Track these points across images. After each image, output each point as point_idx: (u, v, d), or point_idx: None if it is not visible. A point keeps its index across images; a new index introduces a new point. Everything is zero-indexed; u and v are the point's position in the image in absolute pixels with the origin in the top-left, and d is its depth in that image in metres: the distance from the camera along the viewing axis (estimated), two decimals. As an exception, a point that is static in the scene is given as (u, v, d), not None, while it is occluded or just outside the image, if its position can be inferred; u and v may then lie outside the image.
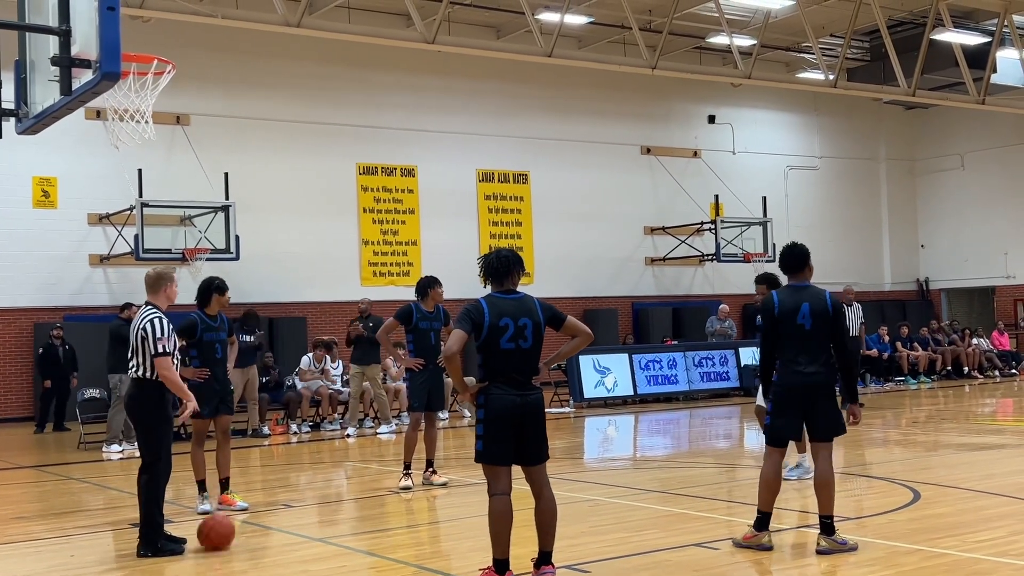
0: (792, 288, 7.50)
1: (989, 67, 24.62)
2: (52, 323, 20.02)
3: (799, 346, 7.31)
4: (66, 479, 12.83)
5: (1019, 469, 11.03)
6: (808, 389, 7.33)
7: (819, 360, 7.32)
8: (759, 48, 23.49)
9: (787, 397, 7.36)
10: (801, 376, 7.30)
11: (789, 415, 7.40)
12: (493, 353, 6.43)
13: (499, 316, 6.43)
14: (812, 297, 7.39)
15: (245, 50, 22.60)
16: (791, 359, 7.33)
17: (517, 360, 6.45)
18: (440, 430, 16.56)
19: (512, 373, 6.43)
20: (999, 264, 31.38)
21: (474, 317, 6.43)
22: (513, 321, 6.44)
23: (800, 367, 7.30)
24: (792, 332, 7.32)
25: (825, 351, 7.36)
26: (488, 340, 6.42)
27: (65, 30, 6.51)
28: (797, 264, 7.54)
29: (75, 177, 21.27)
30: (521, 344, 6.45)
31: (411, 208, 24.88)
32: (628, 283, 27.69)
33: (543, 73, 24.93)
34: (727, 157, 29.47)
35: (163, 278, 8.23)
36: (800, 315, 7.31)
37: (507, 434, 6.38)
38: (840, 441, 14.27)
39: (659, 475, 11.75)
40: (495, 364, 6.44)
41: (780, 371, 7.39)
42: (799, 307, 7.33)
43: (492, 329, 6.41)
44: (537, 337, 6.51)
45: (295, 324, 22.87)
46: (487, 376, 6.46)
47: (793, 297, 7.41)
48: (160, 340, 7.88)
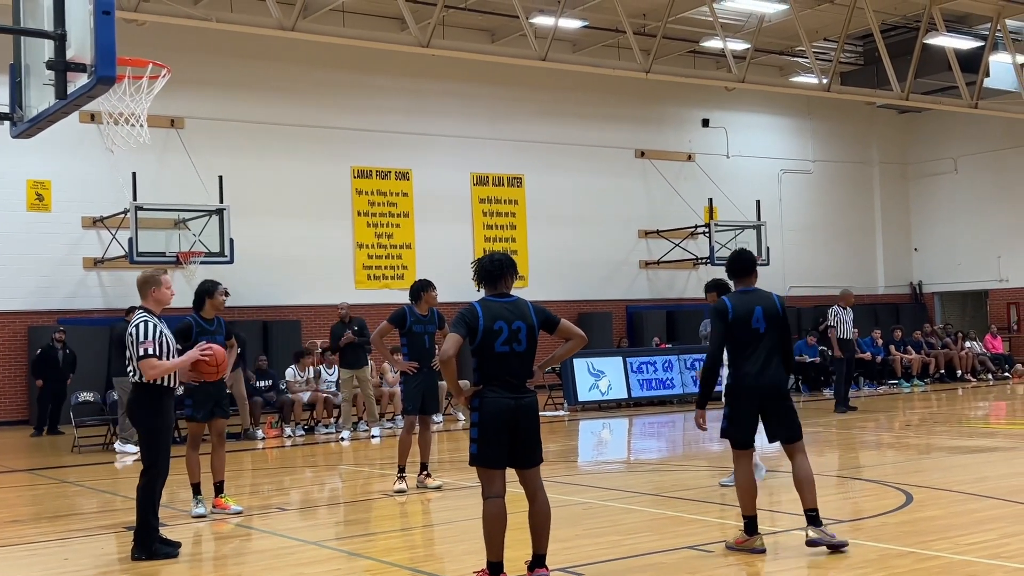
0: (742, 292, 7.59)
1: (982, 71, 24.70)
2: (47, 326, 20.05)
3: (752, 349, 7.41)
4: (60, 482, 12.82)
5: (1011, 472, 11.07)
6: (763, 392, 7.43)
7: (773, 363, 7.44)
8: (753, 52, 23.55)
9: (744, 400, 7.45)
10: (756, 379, 7.40)
11: (748, 417, 7.48)
12: (488, 356, 6.46)
13: (493, 319, 6.46)
14: (763, 300, 7.52)
15: (239, 53, 22.62)
16: (745, 363, 7.42)
17: (512, 363, 6.47)
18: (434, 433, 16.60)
19: (506, 376, 6.46)
20: (992, 268, 31.47)
21: (469, 321, 6.46)
22: (507, 324, 6.47)
23: (755, 370, 7.40)
24: (746, 336, 7.41)
25: (777, 354, 7.48)
26: (483, 343, 6.45)
27: (60, 34, 6.50)
28: (744, 269, 7.66)
29: (69, 180, 21.27)
30: (515, 347, 6.48)
31: (405, 211, 24.90)
32: (622, 286, 27.74)
33: (537, 77, 24.97)
34: (721, 161, 29.53)
35: (149, 282, 8.20)
36: (754, 319, 7.42)
37: (501, 437, 6.41)
38: (834, 444, 14.39)
39: (653, 478, 11.78)
40: (490, 367, 6.47)
41: (734, 375, 7.48)
42: (752, 311, 7.44)
43: (487, 332, 6.43)
44: (531, 340, 6.54)
45: (289, 327, 22.87)
46: (482, 379, 6.49)
47: (745, 301, 7.50)
48: (142, 343, 7.86)
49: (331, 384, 18.14)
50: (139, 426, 8.20)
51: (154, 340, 7.91)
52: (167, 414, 8.08)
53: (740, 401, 7.48)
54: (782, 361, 7.51)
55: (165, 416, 8.05)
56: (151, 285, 8.17)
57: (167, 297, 8.25)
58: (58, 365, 18.59)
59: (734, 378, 7.48)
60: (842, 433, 15.55)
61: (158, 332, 7.96)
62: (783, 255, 29.51)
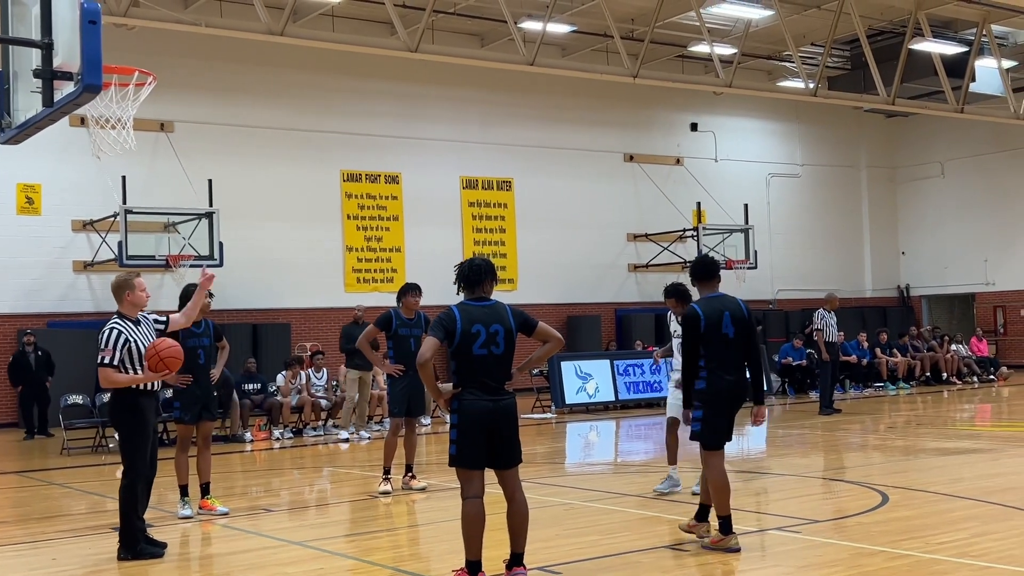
0: (710, 299, 7.79)
1: (968, 76, 24.89)
2: (36, 329, 20.11)
3: (724, 354, 7.63)
4: (49, 484, 12.92)
5: (987, 473, 11.22)
6: (734, 394, 7.67)
7: (740, 367, 7.71)
8: (740, 57, 23.72)
9: (719, 402, 7.63)
10: (728, 382, 7.62)
11: (723, 418, 7.68)
12: (466, 359, 6.59)
13: (471, 323, 6.58)
14: (731, 305, 7.73)
15: (229, 58, 22.72)
16: (717, 367, 7.61)
17: (489, 366, 6.60)
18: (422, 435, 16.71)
19: (484, 379, 6.58)
20: (979, 271, 31.67)
21: (446, 325, 6.59)
22: (485, 328, 6.59)
23: (726, 374, 7.62)
24: (717, 341, 7.62)
25: (743, 357, 7.72)
26: (460, 347, 6.57)
27: (47, 43, 6.61)
28: (709, 274, 7.88)
29: (59, 184, 21.35)
30: (493, 350, 6.61)
31: (395, 215, 25.02)
32: (611, 290, 27.88)
33: (526, 81, 25.11)
34: (709, 165, 29.70)
35: (122, 287, 8.23)
36: (724, 324, 7.63)
37: (480, 439, 6.54)
38: (818, 446, 14.54)
39: (637, 480, 11.89)
40: (468, 370, 6.60)
41: (708, 378, 7.64)
42: (722, 316, 7.64)
43: (464, 336, 6.56)
44: (509, 343, 6.67)
45: (279, 330, 22.97)
46: (460, 382, 6.62)
47: (714, 307, 7.69)
48: (103, 351, 7.94)
49: (320, 388, 18.26)
50: (118, 429, 8.31)
51: (116, 348, 7.92)
52: (145, 416, 8.10)
53: (717, 405, 7.64)
54: (748, 365, 7.75)
55: (143, 418, 8.09)
56: (125, 289, 8.22)
57: (142, 300, 8.26)
58: (31, 368, 18.67)
59: (707, 381, 7.63)
60: (826, 435, 15.71)
61: (122, 340, 7.97)
62: (771, 258, 29.68)
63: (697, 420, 7.70)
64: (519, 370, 6.94)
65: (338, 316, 23.96)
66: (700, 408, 7.68)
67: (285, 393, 17.78)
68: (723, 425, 7.69)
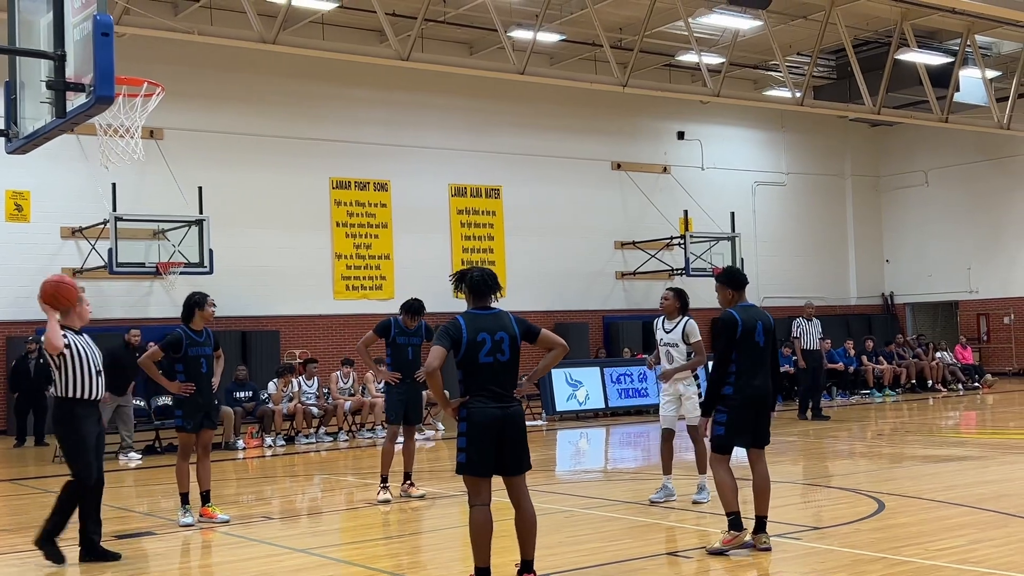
0: (745, 307, 8.02)
1: (952, 86, 25.12)
2: (25, 336, 20.04)
3: (754, 361, 7.86)
4: (44, 492, 12.89)
5: (980, 480, 11.35)
6: (762, 402, 7.90)
7: (767, 374, 7.95)
8: (727, 66, 23.85)
9: (746, 409, 7.82)
10: (755, 389, 7.83)
11: (746, 425, 7.85)
12: (472, 367, 6.67)
13: (477, 331, 6.67)
14: (762, 316, 8.00)
15: (219, 65, 22.74)
16: (747, 373, 7.81)
17: (496, 373, 6.68)
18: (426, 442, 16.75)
19: (492, 386, 6.67)
20: (962, 279, 31.92)
21: (452, 334, 6.68)
22: (490, 336, 6.68)
23: (755, 380, 7.84)
24: (750, 348, 7.84)
25: (769, 366, 7.98)
26: (467, 355, 6.66)
27: (60, 55, 6.68)
28: (743, 284, 8.15)
29: (48, 191, 21.31)
30: (499, 358, 6.69)
31: (384, 222, 25.06)
32: (599, 297, 27.98)
33: (515, 89, 25.19)
34: (696, 173, 29.86)
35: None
36: (757, 333, 7.89)
37: (489, 446, 6.61)
38: (808, 453, 14.67)
39: (631, 486, 11.99)
40: (475, 378, 6.68)
41: (737, 384, 7.82)
42: (756, 325, 7.89)
43: (470, 344, 6.65)
44: (514, 350, 6.76)
45: (269, 337, 22.97)
46: (468, 390, 6.70)
47: (751, 315, 7.93)
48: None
49: (311, 396, 18.28)
50: (61, 440, 8.47)
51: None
52: (86, 425, 8.21)
53: (743, 411, 7.80)
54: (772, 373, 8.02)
55: (84, 427, 8.20)
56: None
57: (87, 313, 8.59)
58: (30, 376, 18.64)
59: (735, 387, 7.78)
60: (816, 442, 15.84)
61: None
62: (757, 266, 29.83)
63: (720, 424, 7.83)
64: (528, 380, 7.03)
65: (327, 323, 24.01)
66: (725, 412, 7.82)
67: (277, 401, 17.80)
68: (746, 431, 7.85)
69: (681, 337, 10.10)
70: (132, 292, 22.06)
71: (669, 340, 10.12)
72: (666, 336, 10.17)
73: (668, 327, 10.18)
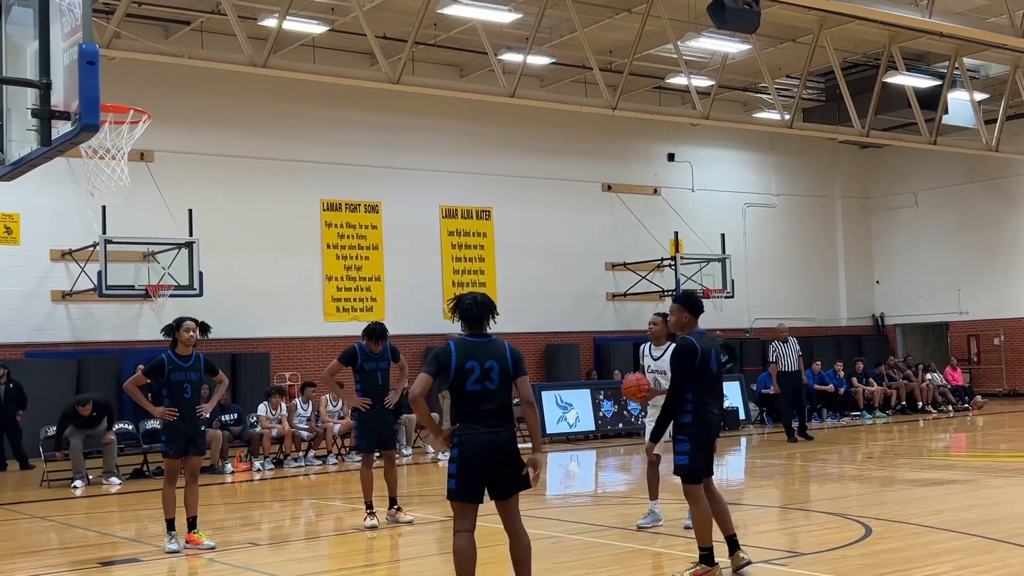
0: (700, 333, 8.03)
1: (940, 108, 25.25)
2: (13, 359, 20.00)
3: (710, 389, 7.89)
4: (31, 517, 12.84)
5: (968, 504, 11.35)
6: (717, 429, 7.96)
7: (722, 402, 8.06)
8: (717, 89, 23.94)
9: (707, 435, 7.84)
10: (713, 416, 7.87)
11: (709, 452, 7.89)
12: (461, 394, 6.69)
13: (466, 359, 6.67)
14: (714, 343, 8.04)
15: (209, 88, 22.75)
16: (705, 401, 7.83)
17: (484, 401, 6.68)
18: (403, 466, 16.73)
19: (480, 413, 6.66)
20: (952, 300, 31.99)
21: (441, 360, 6.69)
22: (479, 364, 6.68)
23: (713, 408, 7.88)
24: (706, 376, 7.86)
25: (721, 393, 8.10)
26: (455, 382, 6.67)
27: (46, 83, 6.68)
28: (702, 310, 8.18)
29: (38, 213, 21.28)
30: (487, 385, 6.69)
31: (374, 244, 25.06)
32: (589, 318, 27.99)
33: (506, 112, 25.26)
34: (686, 194, 29.93)
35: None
36: (711, 360, 7.91)
37: (478, 473, 6.61)
38: (795, 477, 14.65)
39: (620, 511, 11.96)
40: (463, 405, 6.69)
41: (695, 412, 7.81)
42: (711, 352, 7.91)
43: (458, 371, 6.65)
44: (504, 379, 6.74)
45: (258, 360, 22.90)
46: (458, 416, 6.71)
47: (705, 343, 7.95)
48: None
49: (304, 419, 18.22)
50: None
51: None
52: None
53: (705, 439, 7.78)
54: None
55: None
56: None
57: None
58: (0, 400, 18.53)
59: (698, 417, 7.76)
60: (804, 465, 15.83)
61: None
62: (747, 288, 29.88)
63: (684, 454, 7.79)
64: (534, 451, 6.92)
65: (317, 346, 23.96)
66: (687, 441, 7.78)
67: (265, 424, 17.75)
68: (708, 459, 7.86)
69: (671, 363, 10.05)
70: (121, 315, 22.01)
71: (658, 367, 10.04)
72: (654, 363, 10.11)
73: (656, 353, 10.12)
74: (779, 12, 21.34)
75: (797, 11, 21.62)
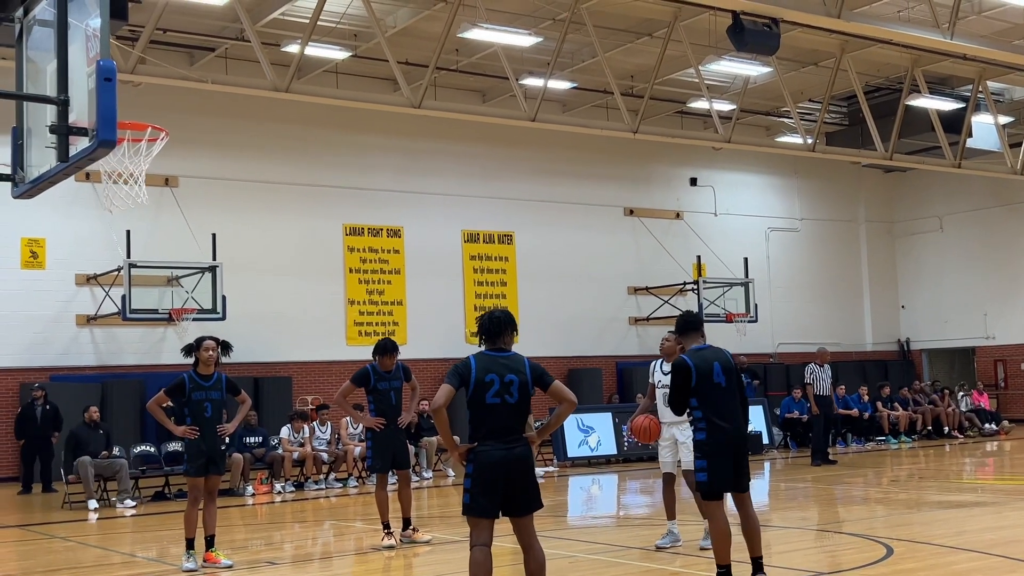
0: (696, 350, 7.96)
1: (964, 132, 25.16)
2: (39, 383, 20.12)
3: (718, 403, 7.78)
4: (50, 538, 12.90)
5: (991, 526, 11.22)
6: (735, 442, 7.79)
7: (737, 415, 7.85)
8: (739, 113, 23.98)
9: (721, 451, 7.74)
10: (726, 431, 7.75)
11: (726, 468, 7.76)
12: (480, 407, 6.72)
13: (485, 372, 6.72)
14: (720, 356, 7.93)
15: (234, 113, 22.95)
16: (714, 417, 7.75)
17: (503, 414, 6.71)
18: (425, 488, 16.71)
19: (498, 427, 6.68)
20: (979, 325, 31.74)
21: (462, 372, 6.76)
22: (499, 377, 6.71)
23: (724, 423, 7.75)
24: (709, 391, 7.77)
25: (739, 405, 7.88)
26: (475, 395, 6.72)
27: (63, 100, 6.76)
28: (695, 326, 8.16)
29: (64, 238, 21.47)
30: (507, 399, 6.72)
31: (397, 268, 25.13)
32: (612, 342, 27.93)
33: (527, 136, 25.35)
34: (709, 219, 29.89)
35: None
36: (715, 374, 7.80)
37: (494, 488, 6.62)
38: (818, 499, 14.53)
39: (640, 533, 11.88)
40: (482, 418, 6.72)
41: (708, 429, 7.76)
42: (711, 367, 7.81)
43: (478, 384, 6.70)
44: (523, 393, 6.77)
45: (281, 384, 22.97)
46: (475, 430, 6.73)
47: (703, 357, 7.86)
48: None
49: (323, 442, 18.26)
50: None
51: None
52: None
53: (720, 455, 7.71)
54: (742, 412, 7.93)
55: None
56: None
57: None
58: (36, 422, 18.68)
59: (710, 433, 7.71)
60: (828, 488, 15.69)
61: None
62: (771, 312, 29.76)
63: (702, 470, 7.76)
64: (539, 435, 7.01)
65: (339, 370, 23.96)
66: (703, 458, 7.75)
67: (287, 447, 17.78)
68: (726, 474, 7.75)
69: None
70: (145, 339, 22.15)
71: (668, 382, 10.02)
72: (664, 378, 10.12)
73: (667, 369, 10.14)
74: (800, 36, 21.37)
75: (818, 35, 21.66)
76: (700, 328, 8.15)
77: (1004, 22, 21.92)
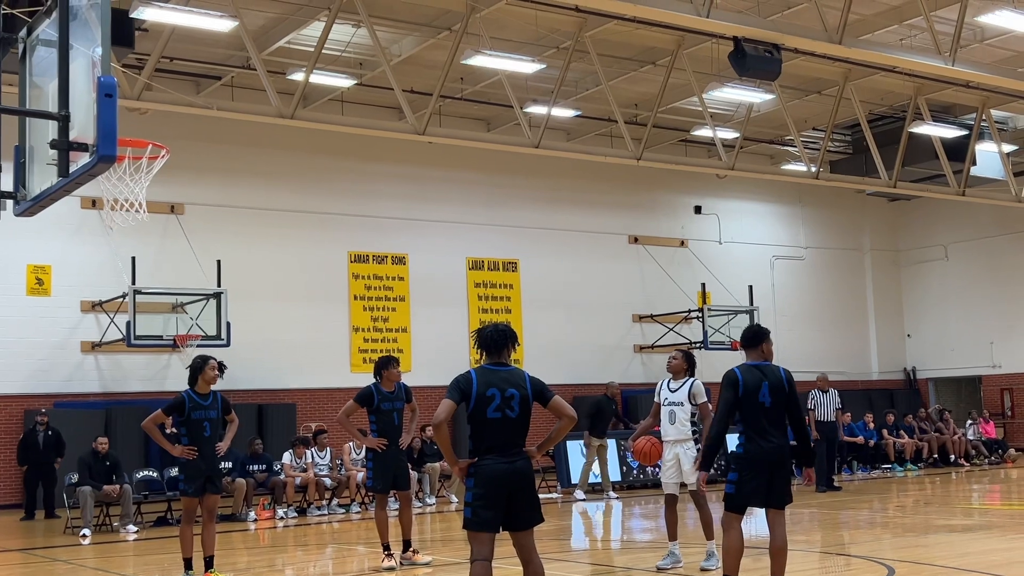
0: (750, 366, 7.94)
1: (968, 160, 25.20)
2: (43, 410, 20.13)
3: (761, 421, 7.76)
4: (52, 560, 12.88)
5: (994, 548, 11.16)
6: (772, 460, 7.73)
7: (781, 433, 7.79)
8: (743, 140, 24.05)
9: (756, 468, 7.71)
10: (765, 449, 7.71)
11: (758, 485, 7.72)
12: (480, 421, 6.72)
13: (487, 386, 6.72)
14: (771, 375, 7.89)
15: (239, 141, 23.08)
16: (755, 433, 7.74)
17: (504, 429, 6.72)
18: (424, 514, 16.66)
19: (499, 442, 6.69)
20: (985, 353, 31.65)
21: (463, 387, 6.75)
22: (500, 391, 6.72)
23: (764, 441, 7.72)
24: (753, 408, 7.75)
25: (783, 424, 7.84)
26: (476, 409, 6.72)
27: (64, 115, 6.83)
28: (754, 341, 8.08)
29: (69, 265, 21.54)
30: (508, 413, 6.72)
31: (401, 295, 25.17)
32: (617, 370, 27.85)
33: (532, 164, 25.44)
34: (713, 247, 29.92)
35: None
36: (761, 393, 7.78)
37: (496, 502, 6.62)
38: (822, 523, 14.46)
39: (642, 556, 11.84)
40: (483, 432, 6.73)
41: (746, 444, 7.76)
42: (760, 385, 7.80)
43: (479, 398, 6.70)
44: (524, 408, 6.78)
45: (285, 411, 22.96)
46: (476, 445, 6.74)
47: (754, 374, 7.85)
48: None
49: (322, 467, 18.22)
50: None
51: None
52: None
53: (753, 470, 7.72)
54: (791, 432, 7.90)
55: None
56: None
57: None
58: (39, 448, 18.67)
59: (747, 449, 7.75)
60: (832, 513, 15.62)
61: None
62: (776, 340, 29.18)
63: (732, 483, 7.77)
64: (538, 449, 6.99)
65: (344, 396, 23.75)
66: (735, 471, 7.76)
67: (290, 472, 17.76)
68: (756, 491, 7.72)
69: (687, 396, 10.13)
70: (150, 365, 22.18)
71: (674, 399, 10.11)
72: (671, 395, 10.17)
73: (674, 387, 10.21)
74: (803, 64, 21.48)
75: (821, 63, 21.77)
76: (759, 344, 8.05)
77: (1007, 50, 22.02)
